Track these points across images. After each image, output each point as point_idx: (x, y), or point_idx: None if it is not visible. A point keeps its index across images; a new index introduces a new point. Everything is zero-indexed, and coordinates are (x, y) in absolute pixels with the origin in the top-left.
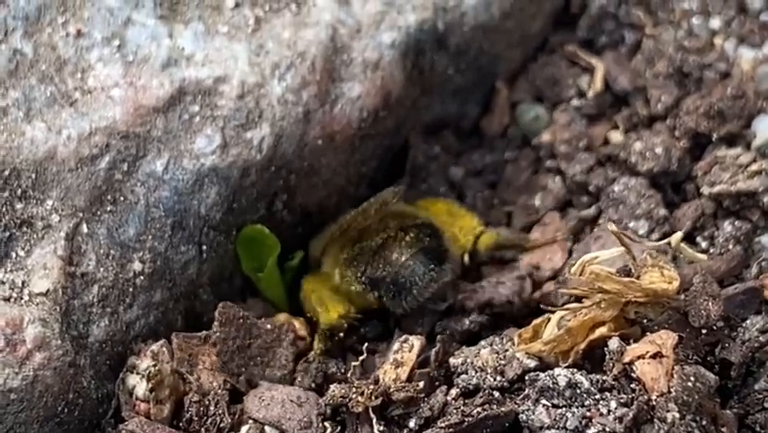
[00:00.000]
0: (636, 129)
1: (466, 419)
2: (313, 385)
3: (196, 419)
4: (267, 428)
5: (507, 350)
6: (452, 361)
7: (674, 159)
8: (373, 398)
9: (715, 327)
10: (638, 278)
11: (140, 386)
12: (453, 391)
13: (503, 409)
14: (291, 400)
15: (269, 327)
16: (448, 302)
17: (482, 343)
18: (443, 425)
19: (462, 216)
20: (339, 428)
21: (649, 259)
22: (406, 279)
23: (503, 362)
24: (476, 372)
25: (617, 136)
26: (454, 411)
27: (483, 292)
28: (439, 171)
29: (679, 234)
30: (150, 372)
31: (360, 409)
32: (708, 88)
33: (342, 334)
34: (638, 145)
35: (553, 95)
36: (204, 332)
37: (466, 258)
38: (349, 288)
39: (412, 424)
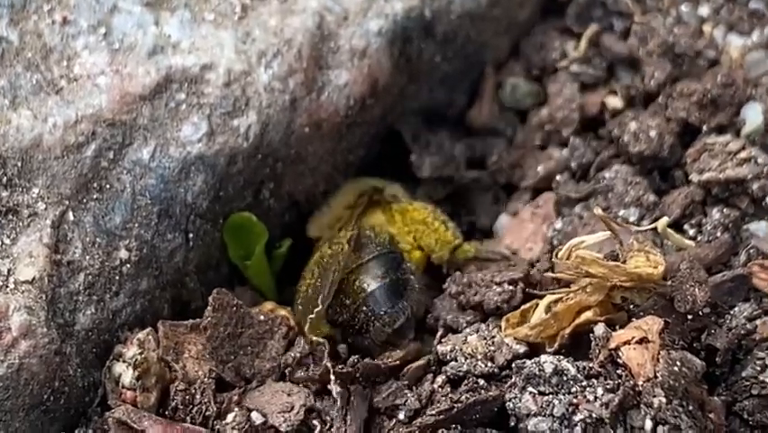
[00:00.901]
0: (633, 103)
1: (455, 406)
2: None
3: (181, 407)
4: (253, 414)
5: (494, 336)
6: (440, 348)
7: (666, 144)
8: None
9: (701, 313)
10: (624, 262)
11: (126, 374)
12: (440, 379)
13: (491, 393)
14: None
15: (262, 318)
16: (410, 337)
17: (468, 330)
18: (432, 413)
19: (437, 228)
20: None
21: (635, 244)
22: (362, 323)
23: (492, 348)
24: (465, 358)
25: (615, 102)
26: (442, 399)
27: (475, 293)
28: (440, 149)
29: (665, 219)
30: (136, 360)
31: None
32: (698, 75)
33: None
34: (634, 125)
35: (540, 60)
36: (190, 321)
37: (444, 269)
38: (320, 328)
39: (401, 416)
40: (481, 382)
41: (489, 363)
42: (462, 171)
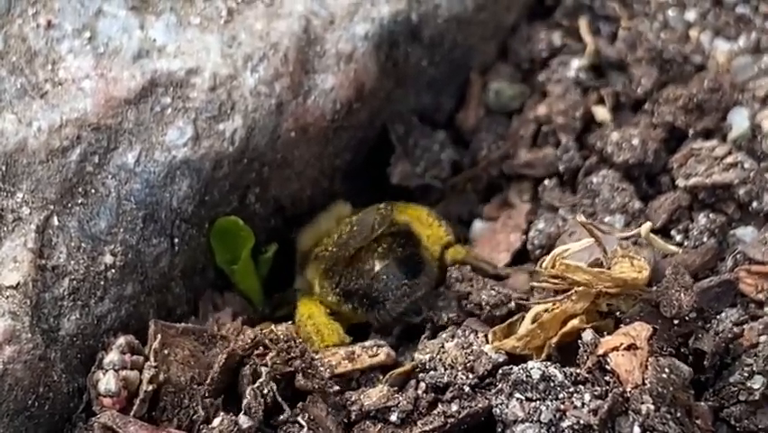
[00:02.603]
0: (621, 109)
1: (449, 421)
2: None
3: (169, 408)
4: (241, 417)
5: (471, 344)
6: (417, 356)
7: (650, 151)
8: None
9: (687, 318)
10: (609, 269)
11: (103, 381)
12: (423, 385)
13: (480, 405)
14: None
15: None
16: (422, 316)
17: (444, 336)
18: (426, 429)
19: (431, 224)
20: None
21: (619, 250)
22: (379, 292)
23: (472, 358)
24: (445, 369)
25: (602, 113)
26: (436, 416)
27: (470, 287)
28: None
29: (648, 224)
30: (115, 365)
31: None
32: (685, 80)
33: None
34: (615, 135)
35: (528, 53)
36: (182, 324)
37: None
38: (326, 298)
39: (393, 417)
40: (467, 389)
41: (470, 375)
42: (445, 175)
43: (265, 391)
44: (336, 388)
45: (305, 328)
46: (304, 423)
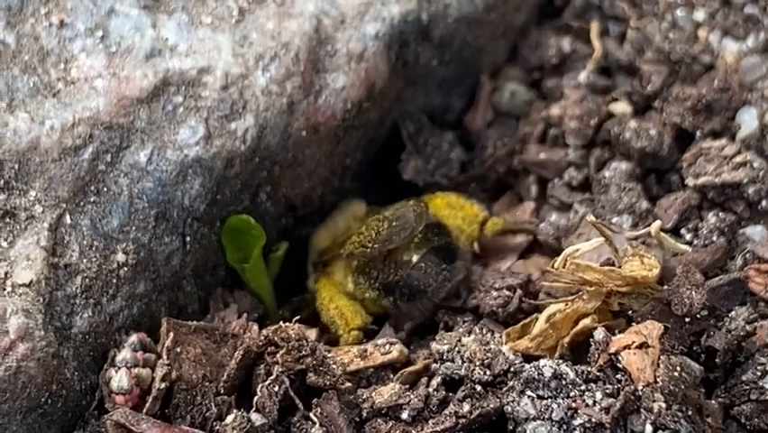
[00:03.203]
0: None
1: (460, 421)
2: None
3: (182, 406)
4: (253, 415)
5: (489, 342)
6: (435, 346)
7: (665, 144)
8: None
9: (699, 316)
10: (619, 268)
11: (115, 379)
12: (434, 382)
13: (492, 405)
14: None
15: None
16: (462, 299)
17: (461, 330)
18: (438, 429)
19: (462, 205)
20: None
21: (629, 249)
22: (420, 281)
23: (490, 355)
24: (463, 361)
25: (623, 108)
26: (447, 416)
27: (474, 298)
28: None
29: (658, 223)
30: (132, 362)
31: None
32: (694, 80)
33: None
34: (633, 123)
35: (538, 59)
36: (195, 322)
37: (476, 246)
38: (363, 295)
39: (405, 415)
40: (479, 388)
41: (487, 371)
42: (454, 173)
43: (277, 389)
44: (348, 384)
45: (327, 313)
46: (316, 419)
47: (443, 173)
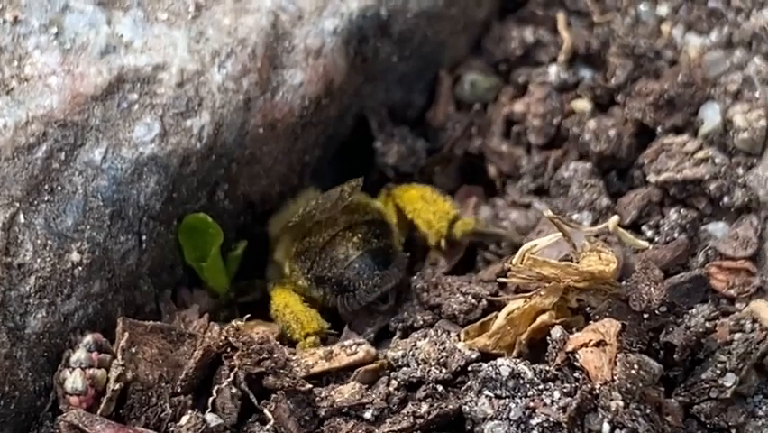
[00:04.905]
0: (598, 105)
1: (417, 421)
2: None
3: (137, 406)
4: (208, 416)
5: (444, 342)
6: (389, 354)
7: (624, 144)
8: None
9: (657, 312)
10: (577, 263)
11: (69, 379)
12: (394, 382)
13: (450, 406)
14: None
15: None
16: (389, 304)
17: (415, 335)
18: (395, 429)
19: (436, 200)
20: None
21: (587, 244)
22: (351, 280)
23: (445, 354)
24: (418, 364)
25: (584, 105)
26: (405, 416)
27: (438, 295)
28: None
29: (616, 218)
30: (87, 363)
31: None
32: (657, 75)
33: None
34: (593, 124)
35: (502, 52)
36: (151, 322)
37: (442, 243)
38: (296, 281)
39: (368, 415)
40: (439, 387)
41: (443, 369)
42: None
43: (235, 391)
44: (308, 386)
45: (283, 318)
46: (270, 419)
47: (411, 162)
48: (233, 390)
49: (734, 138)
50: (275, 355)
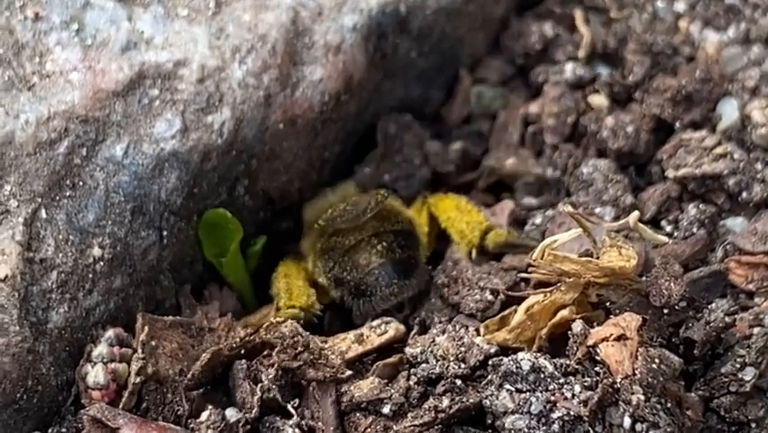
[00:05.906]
0: (615, 101)
1: (439, 415)
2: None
3: (153, 406)
4: (228, 411)
5: (462, 337)
6: (408, 351)
7: (642, 141)
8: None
9: (677, 307)
10: (597, 258)
11: (91, 374)
12: (414, 378)
13: (471, 400)
14: None
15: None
16: (404, 313)
17: (434, 331)
18: (416, 423)
19: (470, 210)
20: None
21: (608, 240)
22: (369, 286)
23: (463, 349)
24: (437, 360)
25: (600, 101)
26: (426, 411)
27: (456, 292)
28: (413, 144)
29: (636, 213)
30: (108, 357)
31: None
32: (675, 71)
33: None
34: (610, 121)
35: (521, 48)
36: (170, 317)
37: (473, 253)
38: (318, 278)
39: (386, 409)
40: (458, 382)
41: (462, 365)
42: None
43: (265, 387)
44: (349, 373)
45: (277, 284)
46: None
47: (402, 186)
48: (260, 384)
49: (752, 134)
50: (311, 347)
